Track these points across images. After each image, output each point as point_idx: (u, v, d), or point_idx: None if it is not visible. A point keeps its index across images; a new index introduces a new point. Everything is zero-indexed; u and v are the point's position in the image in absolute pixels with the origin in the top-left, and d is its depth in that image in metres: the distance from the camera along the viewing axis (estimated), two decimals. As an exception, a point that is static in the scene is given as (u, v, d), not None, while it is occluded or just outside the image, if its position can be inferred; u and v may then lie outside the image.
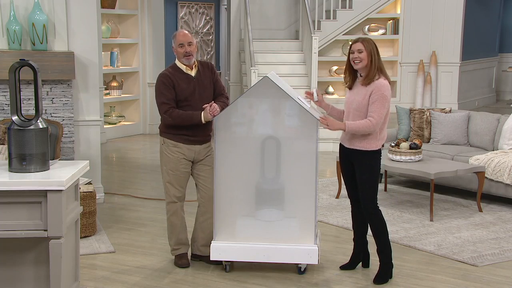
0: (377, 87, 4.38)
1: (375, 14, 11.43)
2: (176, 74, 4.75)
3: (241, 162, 4.65)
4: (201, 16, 13.15)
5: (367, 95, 4.40)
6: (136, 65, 10.74)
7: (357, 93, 4.47)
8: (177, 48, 4.75)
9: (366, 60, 4.39)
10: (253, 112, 4.66)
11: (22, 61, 3.67)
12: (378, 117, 4.37)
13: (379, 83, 4.39)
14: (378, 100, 4.37)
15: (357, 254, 4.79)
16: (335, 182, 7.09)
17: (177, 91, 4.71)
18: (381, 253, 4.58)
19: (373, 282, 4.57)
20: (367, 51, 4.39)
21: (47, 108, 6.04)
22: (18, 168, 3.63)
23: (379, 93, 4.37)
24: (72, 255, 3.94)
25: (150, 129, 10.90)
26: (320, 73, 10.68)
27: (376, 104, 4.37)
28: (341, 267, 4.79)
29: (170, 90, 4.71)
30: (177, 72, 4.77)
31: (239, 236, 4.67)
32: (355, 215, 4.74)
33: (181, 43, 4.73)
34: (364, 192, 4.51)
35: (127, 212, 6.29)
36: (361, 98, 4.43)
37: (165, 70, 4.85)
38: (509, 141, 6.83)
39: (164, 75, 4.77)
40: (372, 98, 4.38)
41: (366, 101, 4.41)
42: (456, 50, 11.46)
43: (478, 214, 6.25)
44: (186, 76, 4.76)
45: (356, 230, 4.77)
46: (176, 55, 4.82)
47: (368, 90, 4.40)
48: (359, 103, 4.43)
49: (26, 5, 5.93)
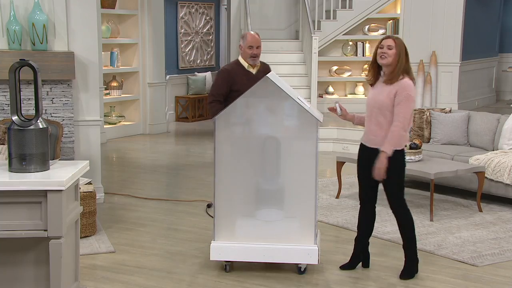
0: (402, 87, 4.35)
1: (375, 14, 11.42)
2: (238, 70, 5.34)
3: (241, 162, 4.65)
4: (201, 16, 13.15)
5: (391, 95, 4.37)
6: (136, 65, 10.75)
7: (380, 92, 4.44)
8: (246, 48, 5.30)
9: (392, 58, 4.36)
10: (253, 112, 4.65)
11: (22, 61, 3.67)
12: (403, 119, 4.34)
13: (404, 83, 4.36)
14: (403, 100, 4.33)
15: (357, 254, 4.80)
16: (335, 182, 7.09)
17: (237, 86, 5.20)
18: (408, 249, 4.62)
19: (399, 277, 4.61)
20: (396, 50, 4.36)
21: (47, 108, 6.04)
22: (18, 168, 3.63)
23: (405, 93, 4.34)
24: (72, 255, 3.94)
25: (150, 129, 10.90)
26: (320, 73, 10.67)
27: (402, 105, 4.33)
28: (341, 267, 4.80)
29: (223, 86, 5.33)
30: (239, 67, 5.36)
31: (239, 236, 4.67)
32: (362, 216, 4.72)
33: (251, 45, 5.30)
34: (392, 191, 4.52)
35: (127, 212, 6.29)
36: (384, 97, 4.39)
37: (228, 65, 5.48)
38: (509, 141, 6.83)
39: (225, 70, 5.41)
40: (398, 98, 4.34)
41: (390, 100, 4.37)
42: (456, 50, 11.45)
43: (478, 214, 6.25)
44: (247, 72, 5.33)
45: (361, 231, 4.75)
46: (243, 53, 5.37)
47: (392, 89, 4.37)
48: (382, 102, 4.40)
49: (26, 5, 5.93)
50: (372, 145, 4.49)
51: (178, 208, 6.47)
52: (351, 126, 9.64)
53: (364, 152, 4.59)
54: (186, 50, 12.80)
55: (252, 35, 5.35)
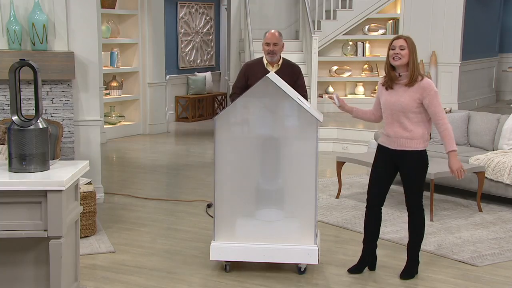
0: (426, 88, 4.36)
1: (375, 14, 11.42)
2: (257, 65, 5.54)
3: (241, 162, 4.64)
4: (201, 16, 13.14)
5: (415, 97, 4.36)
6: (136, 65, 10.74)
7: (401, 94, 4.41)
8: (264, 45, 5.51)
9: (406, 58, 4.35)
10: (253, 112, 4.65)
11: (22, 61, 3.67)
12: (444, 114, 4.39)
13: (426, 83, 4.38)
14: (434, 98, 4.36)
15: (365, 258, 4.75)
16: (335, 182, 7.09)
17: (251, 80, 5.34)
18: (412, 249, 4.63)
19: (400, 277, 4.61)
20: (409, 49, 4.36)
21: (47, 108, 6.04)
22: (18, 168, 3.63)
23: (432, 91, 4.36)
24: (72, 255, 3.94)
25: (150, 129, 10.90)
26: (320, 73, 10.68)
27: (435, 103, 4.36)
28: (349, 270, 4.75)
29: (241, 80, 5.57)
30: (259, 64, 5.56)
31: (239, 236, 4.67)
32: (370, 219, 4.69)
33: (268, 42, 5.49)
34: (413, 191, 4.54)
35: (127, 212, 6.29)
36: (407, 99, 4.37)
37: (252, 60, 5.86)
38: (509, 141, 6.83)
39: (246, 65, 5.71)
40: (428, 99, 4.35)
41: (414, 102, 4.37)
42: (456, 50, 11.45)
43: (478, 214, 6.25)
44: (265, 70, 5.41)
45: (369, 234, 4.72)
46: (263, 50, 5.57)
47: (416, 91, 4.36)
48: (406, 105, 4.38)
49: (26, 5, 5.93)
50: (396, 147, 4.49)
51: (178, 208, 6.47)
52: (351, 126, 9.65)
53: (385, 154, 4.57)
54: (186, 50, 12.80)
55: (270, 32, 5.56)
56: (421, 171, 4.53)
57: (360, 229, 5.66)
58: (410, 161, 4.48)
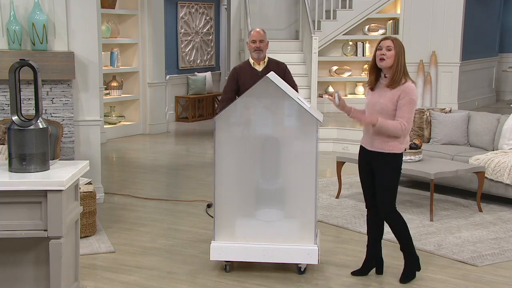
0: (405, 91, 4.29)
1: (375, 14, 11.42)
2: (244, 67, 5.63)
3: (241, 162, 4.64)
4: (201, 16, 13.15)
5: (394, 99, 4.30)
6: (136, 65, 10.74)
7: (382, 95, 4.36)
8: (250, 43, 5.57)
9: (392, 59, 4.28)
10: (253, 112, 4.65)
11: (22, 61, 3.67)
12: (408, 123, 4.30)
13: (407, 87, 4.30)
14: (407, 104, 4.28)
15: (369, 260, 4.71)
16: (335, 182, 7.09)
17: (240, 83, 5.54)
18: (404, 250, 4.57)
19: (399, 281, 4.56)
20: (395, 50, 4.29)
21: (47, 108, 6.04)
22: (18, 168, 3.63)
23: (408, 97, 4.28)
24: (72, 255, 3.94)
25: (150, 129, 10.90)
26: (320, 73, 10.67)
27: (405, 108, 4.28)
28: (353, 272, 4.71)
29: (230, 83, 5.63)
30: (246, 65, 5.64)
31: (239, 236, 4.67)
32: (370, 221, 4.66)
33: (254, 39, 5.56)
34: (383, 196, 4.44)
35: (127, 212, 6.29)
36: (386, 101, 4.32)
37: (239, 63, 5.85)
38: (509, 141, 6.83)
39: (234, 68, 5.74)
40: (401, 102, 4.28)
41: (393, 104, 4.30)
42: (456, 50, 11.45)
43: (478, 214, 6.25)
44: (252, 70, 5.56)
45: (370, 236, 4.69)
46: (248, 49, 5.63)
47: (395, 93, 4.30)
48: (384, 106, 4.33)
49: (26, 5, 5.93)
50: (372, 148, 4.45)
51: (178, 208, 6.47)
52: (351, 126, 9.65)
53: (364, 156, 4.54)
54: (186, 50, 12.81)
55: (255, 30, 5.64)
56: (392, 176, 4.43)
57: (360, 229, 5.68)
58: (382, 164, 4.41)
